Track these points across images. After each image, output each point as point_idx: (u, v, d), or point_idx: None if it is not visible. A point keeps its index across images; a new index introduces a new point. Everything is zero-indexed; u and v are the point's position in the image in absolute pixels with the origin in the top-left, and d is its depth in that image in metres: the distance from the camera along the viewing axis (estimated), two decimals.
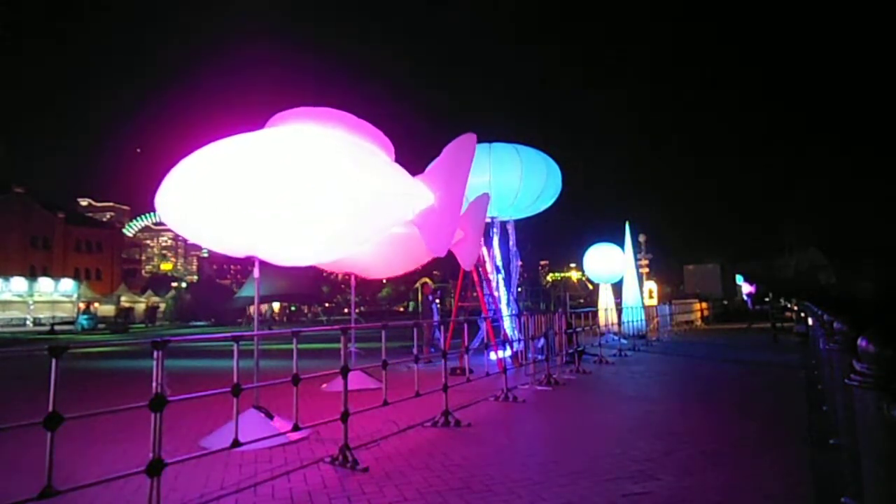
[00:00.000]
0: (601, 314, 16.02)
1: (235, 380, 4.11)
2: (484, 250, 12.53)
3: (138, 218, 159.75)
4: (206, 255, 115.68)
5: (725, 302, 37.56)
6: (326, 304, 64.68)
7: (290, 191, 5.28)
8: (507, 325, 12.10)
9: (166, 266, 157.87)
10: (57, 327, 38.12)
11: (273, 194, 5.24)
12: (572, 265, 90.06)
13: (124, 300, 52.15)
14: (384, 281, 71.65)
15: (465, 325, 8.08)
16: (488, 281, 12.47)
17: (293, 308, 60.20)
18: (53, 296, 50.94)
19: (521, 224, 14.00)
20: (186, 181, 5.19)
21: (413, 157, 6.44)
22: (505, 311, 12.58)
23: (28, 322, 47.00)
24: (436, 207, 6.21)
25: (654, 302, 21.83)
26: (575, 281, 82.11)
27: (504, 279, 13.21)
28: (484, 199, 8.10)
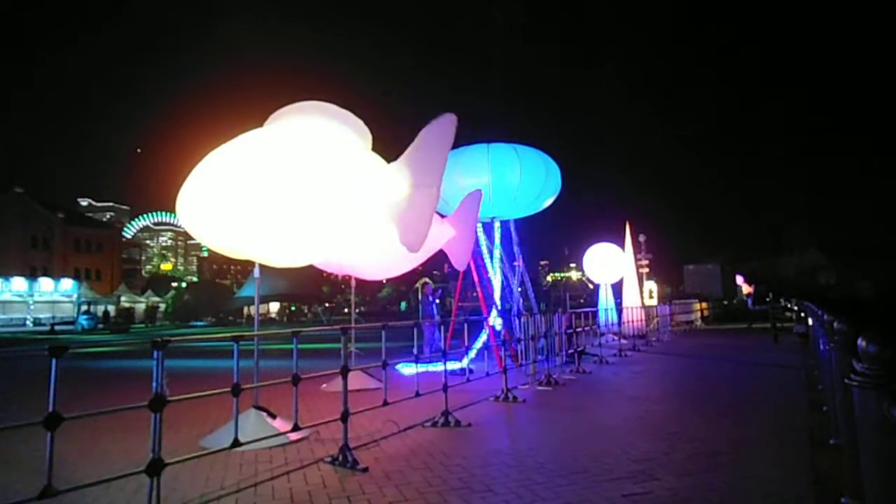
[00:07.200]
0: (601, 314, 16.02)
1: (236, 379, 4.11)
2: (485, 250, 12.51)
3: (138, 218, 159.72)
4: (206, 254, 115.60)
5: (725, 302, 37.64)
6: (327, 304, 64.63)
7: (296, 192, 5.22)
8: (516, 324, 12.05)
9: (166, 266, 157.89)
10: (57, 327, 38.10)
11: (282, 197, 5.17)
12: (572, 265, 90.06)
13: (124, 300, 52.08)
14: (384, 281, 71.60)
15: (465, 325, 8.07)
16: (489, 281, 12.45)
17: (293, 308, 60.20)
18: (53, 296, 50.85)
19: (521, 224, 13.99)
20: (207, 187, 5.10)
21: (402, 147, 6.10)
22: (526, 310, 12.48)
23: (28, 322, 46.92)
24: (410, 197, 5.69)
25: (654, 302, 21.84)
26: (575, 281, 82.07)
27: (505, 280, 13.19)
28: (476, 196, 7.79)
